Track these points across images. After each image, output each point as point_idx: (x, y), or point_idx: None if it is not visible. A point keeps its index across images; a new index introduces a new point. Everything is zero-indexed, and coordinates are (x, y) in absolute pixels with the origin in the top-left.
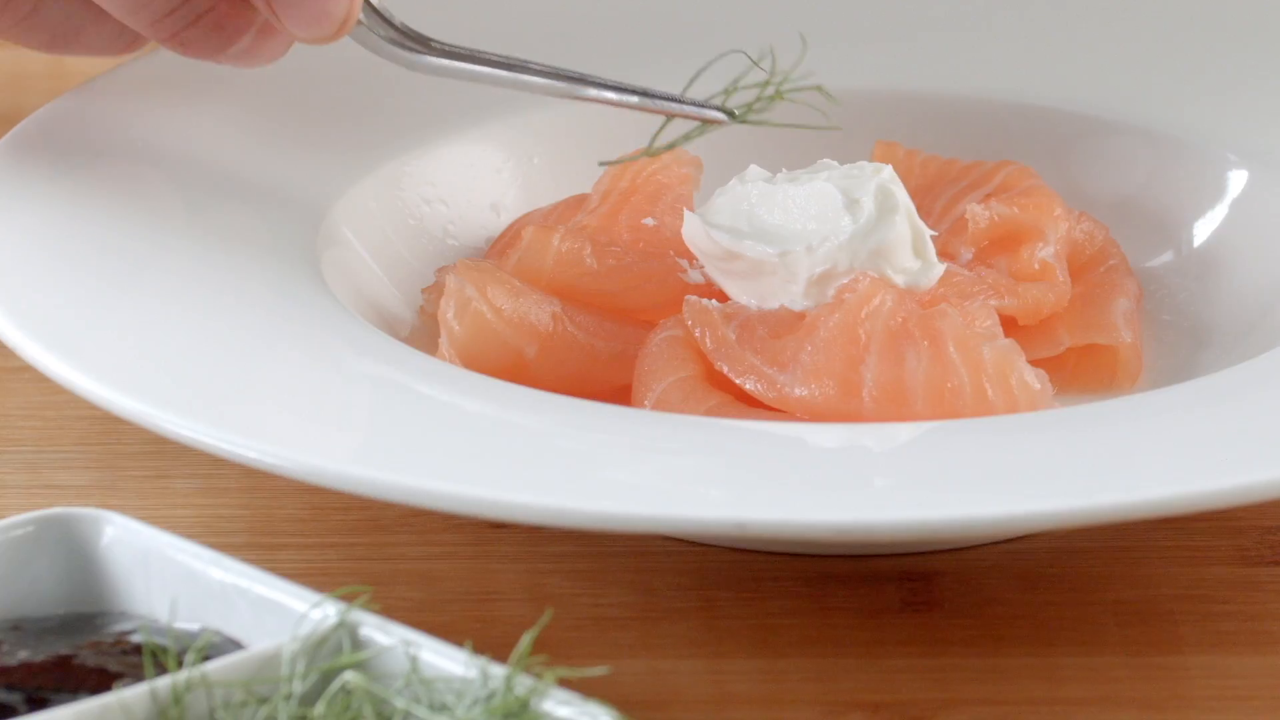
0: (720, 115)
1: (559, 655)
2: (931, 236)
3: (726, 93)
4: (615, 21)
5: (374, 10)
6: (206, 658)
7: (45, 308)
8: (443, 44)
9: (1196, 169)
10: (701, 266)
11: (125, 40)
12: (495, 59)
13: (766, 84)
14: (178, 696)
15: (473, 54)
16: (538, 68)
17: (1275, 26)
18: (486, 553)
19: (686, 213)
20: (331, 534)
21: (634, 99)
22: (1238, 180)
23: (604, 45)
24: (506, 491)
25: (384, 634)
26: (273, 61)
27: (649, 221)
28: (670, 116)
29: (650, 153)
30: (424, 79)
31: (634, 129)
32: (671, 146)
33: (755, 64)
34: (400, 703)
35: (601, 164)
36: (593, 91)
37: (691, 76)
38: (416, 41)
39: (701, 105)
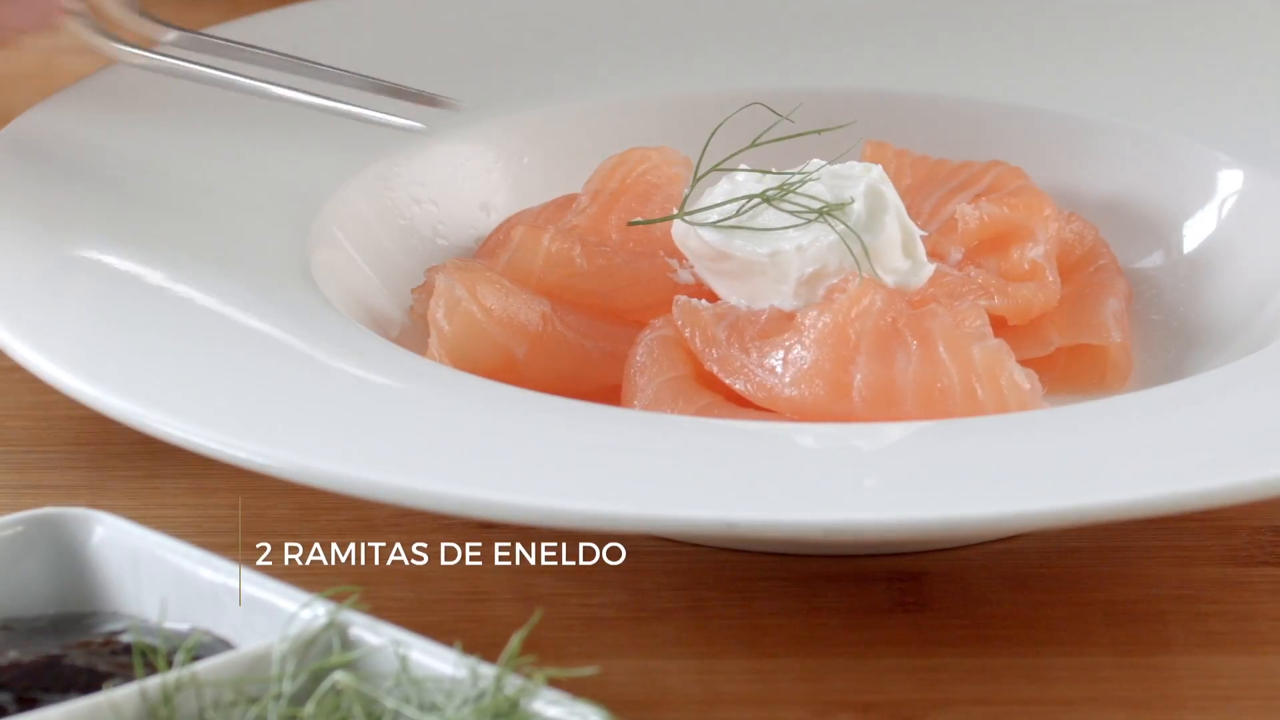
0: (416, 126)
1: (549, 655)
2: (921, 237)
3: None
4: (606, 19)
5: None
6: (196, 658)
7: (35, 308)
8: (189, 32)
9: (1186, 169)
10: (691, 266)
11: None
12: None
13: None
14: (167, 696)
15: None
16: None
17: (1263, 28)
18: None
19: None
20: (321, 534)
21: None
22: (1227, 181)
23: (595, 43)
24: (496, 491)
25: (374, 634)
26: None
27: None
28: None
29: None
30: (411, 78)
31: (621, 131)
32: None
33: (782, 117)
34: (390, 703)
35: (631, 223)
36: (283, 92)
37: (711, 131)
38: (158, 25)
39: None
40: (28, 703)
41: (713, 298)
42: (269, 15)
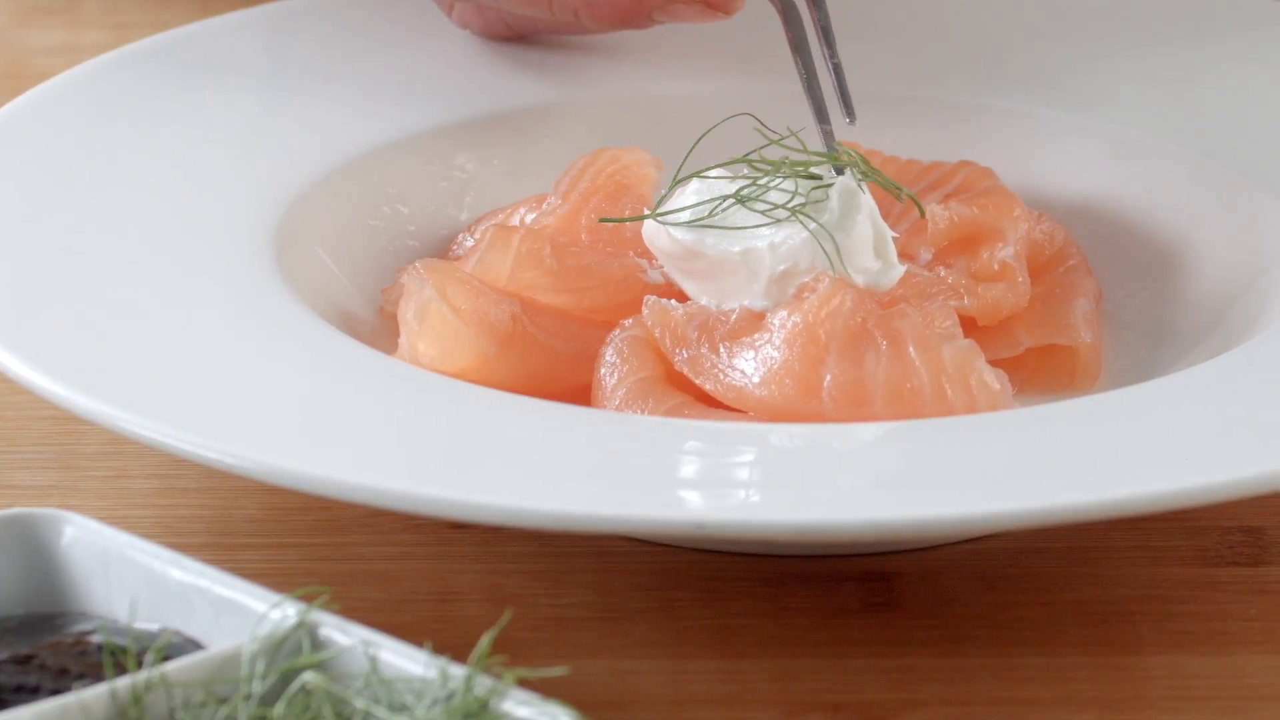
0: None
1: (518, 655)
2: (892, 237)
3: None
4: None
5: None
6: (166, 658)
7: (4, 308)
8: None
9: (1156, 170)
10: (661, 266)
11: None
12: None
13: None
14: (137, 697)
15: None
16: None
17: (1233, 27)
18: (446, 553)
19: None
20: (291, 534)
21: None
22: (1197, 181)
23: (567, 42)
24: (466, 492)
25: (343, 634)
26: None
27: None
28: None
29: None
30: (391, 79)
31: (591, 131)
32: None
33: (768, 133)
34: (360, 703)
35: (601, 220)
36: None
37: (697, 139)
38: None
39: None
40: None
41: (683, 298)
42: (238, 15)
